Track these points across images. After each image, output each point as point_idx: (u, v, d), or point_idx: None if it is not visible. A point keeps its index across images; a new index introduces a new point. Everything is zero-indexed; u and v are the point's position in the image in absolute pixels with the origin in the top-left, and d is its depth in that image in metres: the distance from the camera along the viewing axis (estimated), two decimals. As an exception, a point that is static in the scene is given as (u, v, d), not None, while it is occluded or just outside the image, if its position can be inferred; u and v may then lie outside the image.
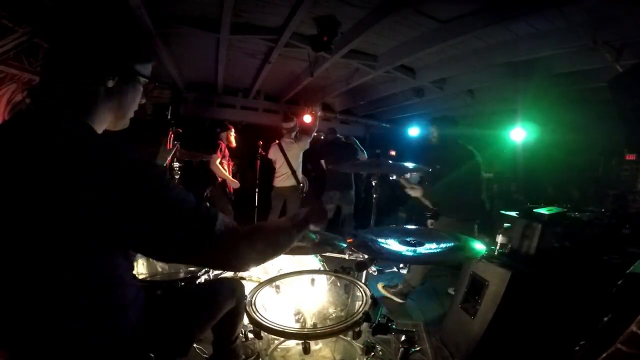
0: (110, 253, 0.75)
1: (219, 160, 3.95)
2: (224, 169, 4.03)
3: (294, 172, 4.03)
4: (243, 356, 1.57)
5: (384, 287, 3.01)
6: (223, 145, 4.06)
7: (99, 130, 0.82)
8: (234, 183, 4.09)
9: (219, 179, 4.06)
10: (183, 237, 0.73)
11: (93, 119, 0.79)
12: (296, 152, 4.05)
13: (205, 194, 3.37)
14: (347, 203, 4.27)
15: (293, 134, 4.08)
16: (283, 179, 4.06)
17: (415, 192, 2.95)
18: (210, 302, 1.23)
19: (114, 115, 0.85)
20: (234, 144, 4.27)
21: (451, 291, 2.94)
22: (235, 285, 1.33)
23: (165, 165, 2.84)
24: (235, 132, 4.31)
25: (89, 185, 0.65)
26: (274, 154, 4.10)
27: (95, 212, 0.65)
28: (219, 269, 0.96)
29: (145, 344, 0.91)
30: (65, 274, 0.71)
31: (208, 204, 0.83)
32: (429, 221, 3.05)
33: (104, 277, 0.77)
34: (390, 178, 3.01)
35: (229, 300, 1.28)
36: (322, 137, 4.98)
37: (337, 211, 4.36)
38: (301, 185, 4.14)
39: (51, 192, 0.65)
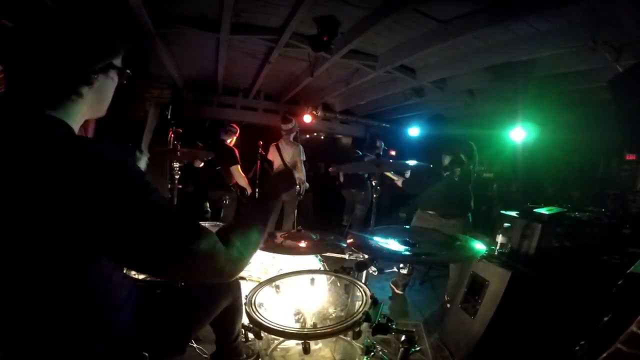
0: (107, 254, 0.74)
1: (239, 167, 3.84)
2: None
3: None
4: (245, 355, 1.58)
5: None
6: (237, 151, 3.94)
7: (78, 127, 0.80)
8: (249, 189, 3.97)
9: (235, 186, 3.91)
10: (183, 237, 0.73)
11: (73, 119, 0.78)
12: (292, 153, 4.06)
13: (224, 201, 3.24)
14: (360, 202, 4.43)
15: (292, 135, 4.09)
16: None
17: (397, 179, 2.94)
18: (206, 300, 1.24)
19: (94, 110, 0.84)
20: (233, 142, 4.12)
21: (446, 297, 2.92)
22: (230, 282, 1.32)
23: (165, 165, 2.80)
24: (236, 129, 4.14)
25: (89, 185, 0.65)
26: (272, 155, 4.14)
27: (95, 212, 0.65)
28: (216, 278, 0.93)
29: (140, 343, 0.91)
30: (65, 274, 0.71)
31: (223, 210, 0.81)
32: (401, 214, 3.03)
33: (101, 277, 0.78)
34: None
35: (225, 298, 1.29)
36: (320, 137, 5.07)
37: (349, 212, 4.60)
38: (298, 187, 4.12)
39: (52, 193, 0.64)
